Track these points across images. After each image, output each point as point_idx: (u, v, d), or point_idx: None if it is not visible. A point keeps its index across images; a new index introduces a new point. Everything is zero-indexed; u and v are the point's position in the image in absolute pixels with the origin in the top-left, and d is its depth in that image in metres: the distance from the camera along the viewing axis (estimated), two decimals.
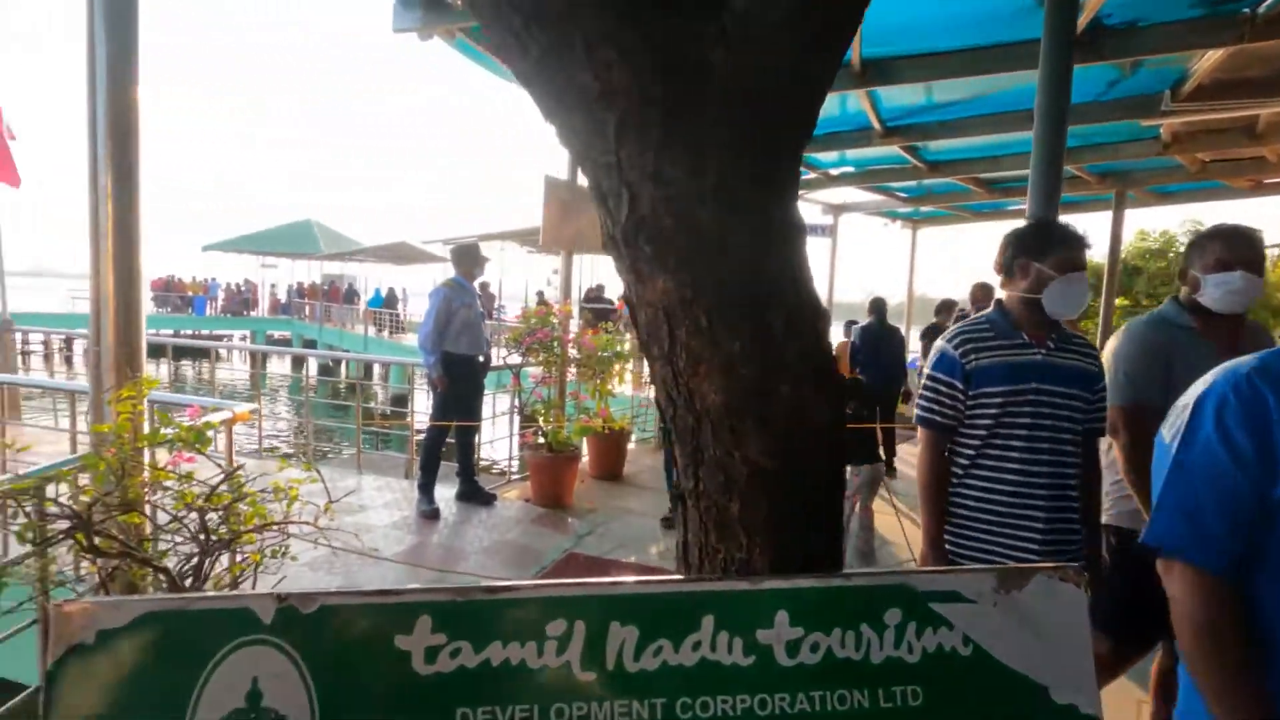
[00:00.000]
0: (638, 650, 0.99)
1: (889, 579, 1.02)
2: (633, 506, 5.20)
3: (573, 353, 5.63)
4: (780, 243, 0.99)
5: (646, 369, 6.36)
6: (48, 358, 19.98)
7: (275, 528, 1.84)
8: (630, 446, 6.55)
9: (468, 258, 4.89)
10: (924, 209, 10.21)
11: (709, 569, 1.04)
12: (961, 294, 7.23)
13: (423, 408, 6.67)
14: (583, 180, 5.40)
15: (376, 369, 21.46)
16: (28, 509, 1.71)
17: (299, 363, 22.99)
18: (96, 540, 1.61)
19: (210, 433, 2.09)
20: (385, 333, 22.85)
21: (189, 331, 22.97)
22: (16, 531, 1.71)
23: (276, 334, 26.04)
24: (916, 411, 1.82)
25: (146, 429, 1.94)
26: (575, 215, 5.53)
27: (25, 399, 6.81)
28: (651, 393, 7.52)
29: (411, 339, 22.41)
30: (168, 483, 1.81)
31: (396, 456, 8.65)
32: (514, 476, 6.39)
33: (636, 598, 0.98)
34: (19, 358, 10.31)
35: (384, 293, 25.70)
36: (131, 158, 1.96)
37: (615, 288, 14.75)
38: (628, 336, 6.21)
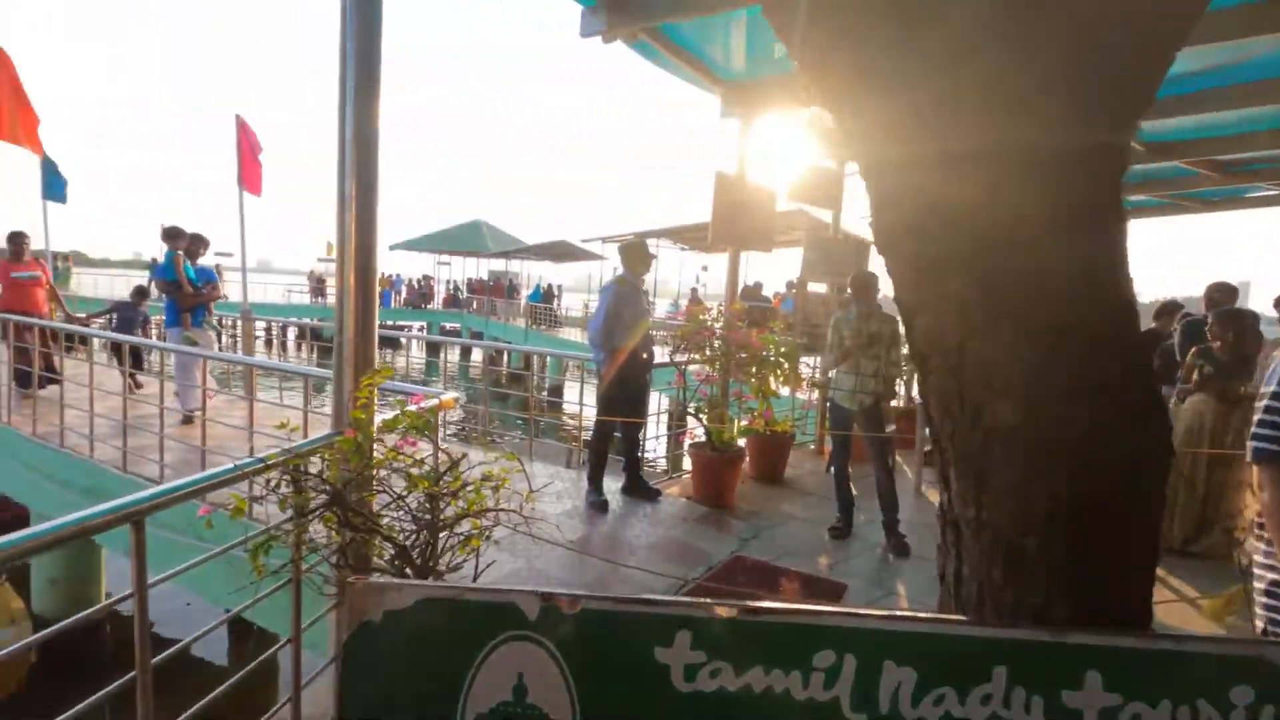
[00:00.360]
0: (916, 696, 0.89)
1: (1239, 648, 0.84)
2: (796, 512, 5.03)
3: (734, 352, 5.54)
4: (1101, 236, 0.84)
5: (808, 369, 6.12)
6: (269, 343, 23.27)
7: (490, 513, 1.94)
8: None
9: (637, 256, 4.97)
10: (1136, 198, 8.92)
11: (991, 611, 0.92)
12: (1174, 294, 6.24)
13: (578, 399, 6.90)
14: (752, 176, 5.26)
15: (535, 360, 22.76)
16: (286, 481, 1.93)
17: (466, 352, 24.95)
18: (344, 514, 1.79)
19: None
20: (543, 326, 24.11)
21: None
22: (279, 501, 1.94)
23: (448, 326, 28.37)
24: (1256, 444, 1.39)
25: (378, 413, 2.13)
26: (743, 212, 5.44)
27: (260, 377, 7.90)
28: (814, 395, 7.24)
29: (566, 333, 23.51)
30: (396, 464, 1.97)
31: (555, 445, 9.08)
32: (667, 474, 6.42)
33: (915, 636, 0.88)
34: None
35: (542, 288, 27.16)
36: (372, 169, 2.16)
37: (772, 285, 14.40)
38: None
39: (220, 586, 4.22)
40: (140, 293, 8.48)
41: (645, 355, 4.92)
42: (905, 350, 5.14)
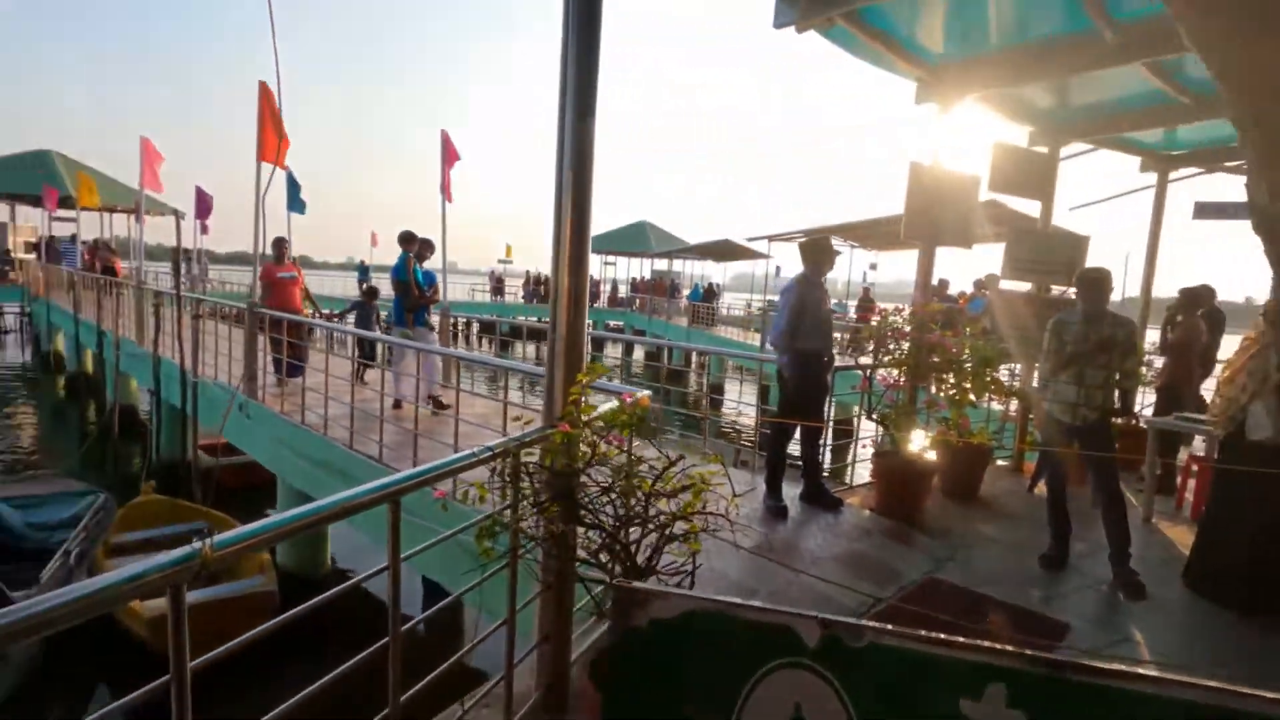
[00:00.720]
0: None
1: None
2: (994, 535, 4.55)
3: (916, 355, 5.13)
4: None
5: (1007, 376, 5.45)
6: (454, 337, 25.64)
7: (701, 515, 1.93)
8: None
9: (818, 253, 4.77)
10: None
11: None
12: None
13: (741, 399, 6.76)
14: (950, 165, 4.81)
15: (694, 358, 22.95)
16: (507, 469, 2.04)
17: (629, 349, 25.76)
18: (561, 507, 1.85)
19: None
20: (702, 325, 24.24)
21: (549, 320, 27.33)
22: (500, 488, 2.05)
23: (612, 324, 29.47)
24: None
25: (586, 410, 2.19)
26: (940, 204, 5.02)
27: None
28: (1014, 405, 6.52)
29: (724, 331, 23.42)
30: (610, 461, 2.01)
31: (722, 444, 9.02)
32: (845, 485, 6.10)
33: None
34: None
35: (703, 288, 27.29)
36: (586, 180, 2.23)
37: (958, 283, 13.23)
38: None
39: (432, 562, 4.65)
40: (371, 292, 9.65)
41: (827, 357, 4.71)
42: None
